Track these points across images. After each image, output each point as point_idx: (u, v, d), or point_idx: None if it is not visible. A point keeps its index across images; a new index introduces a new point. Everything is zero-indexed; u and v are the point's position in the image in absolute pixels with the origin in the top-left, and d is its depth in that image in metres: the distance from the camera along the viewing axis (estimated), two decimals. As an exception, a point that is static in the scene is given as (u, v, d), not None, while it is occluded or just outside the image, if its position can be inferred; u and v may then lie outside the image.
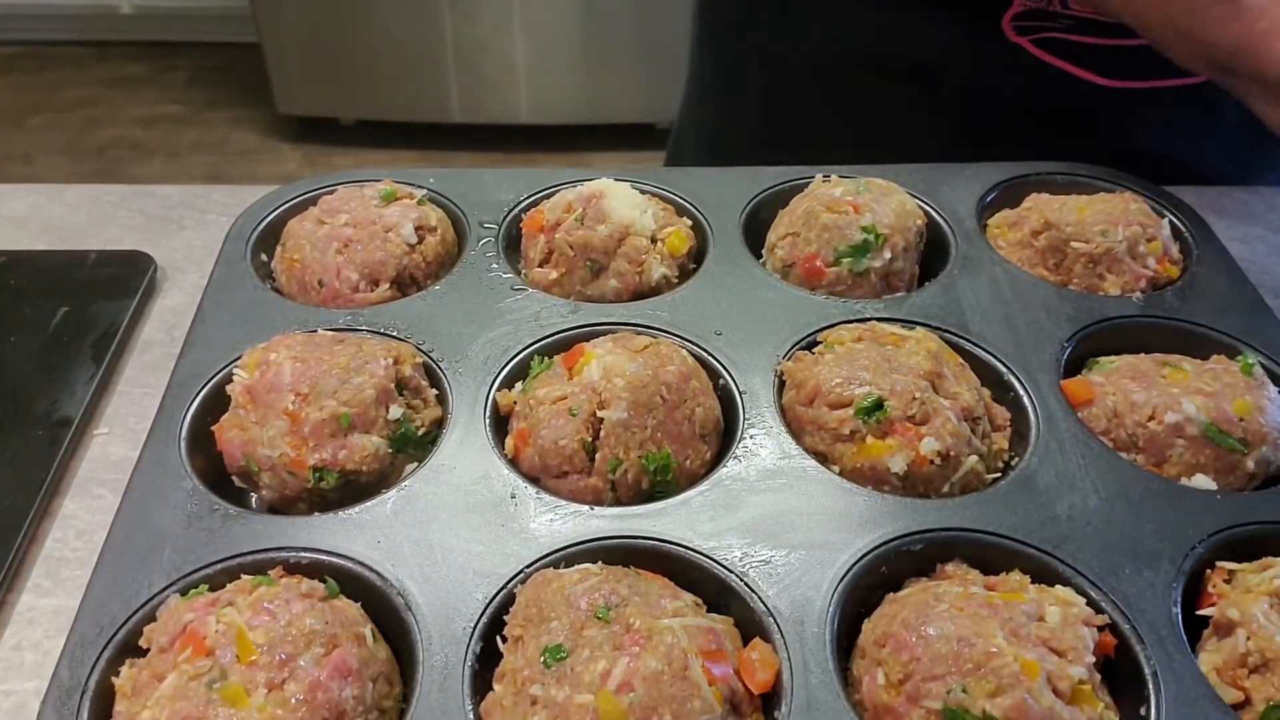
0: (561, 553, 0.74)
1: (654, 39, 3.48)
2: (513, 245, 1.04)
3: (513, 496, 0.78)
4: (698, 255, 1.03)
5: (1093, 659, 0.66)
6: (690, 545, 0.74)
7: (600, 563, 0.72)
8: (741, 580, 0.72)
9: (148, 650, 0.68)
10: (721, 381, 0.88)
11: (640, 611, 0.66)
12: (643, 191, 1.03)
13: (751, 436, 0.83)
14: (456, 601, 0.71)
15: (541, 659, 0.65)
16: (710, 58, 1.37)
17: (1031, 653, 0.64)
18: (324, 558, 0.74)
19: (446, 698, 0.66)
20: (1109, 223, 1.00)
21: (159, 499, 0.78)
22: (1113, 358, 0.91)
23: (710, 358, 0.90)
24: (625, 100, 3.66)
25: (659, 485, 0.80)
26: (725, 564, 0.73)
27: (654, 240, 0.99)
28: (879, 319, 0.92)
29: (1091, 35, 1.09)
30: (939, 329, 0.92)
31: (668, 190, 1.07)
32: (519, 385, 0.87)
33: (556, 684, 0.64)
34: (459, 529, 0.76)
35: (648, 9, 3.44)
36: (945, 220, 1.06)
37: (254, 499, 0.84)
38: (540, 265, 1.00)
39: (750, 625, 0.71)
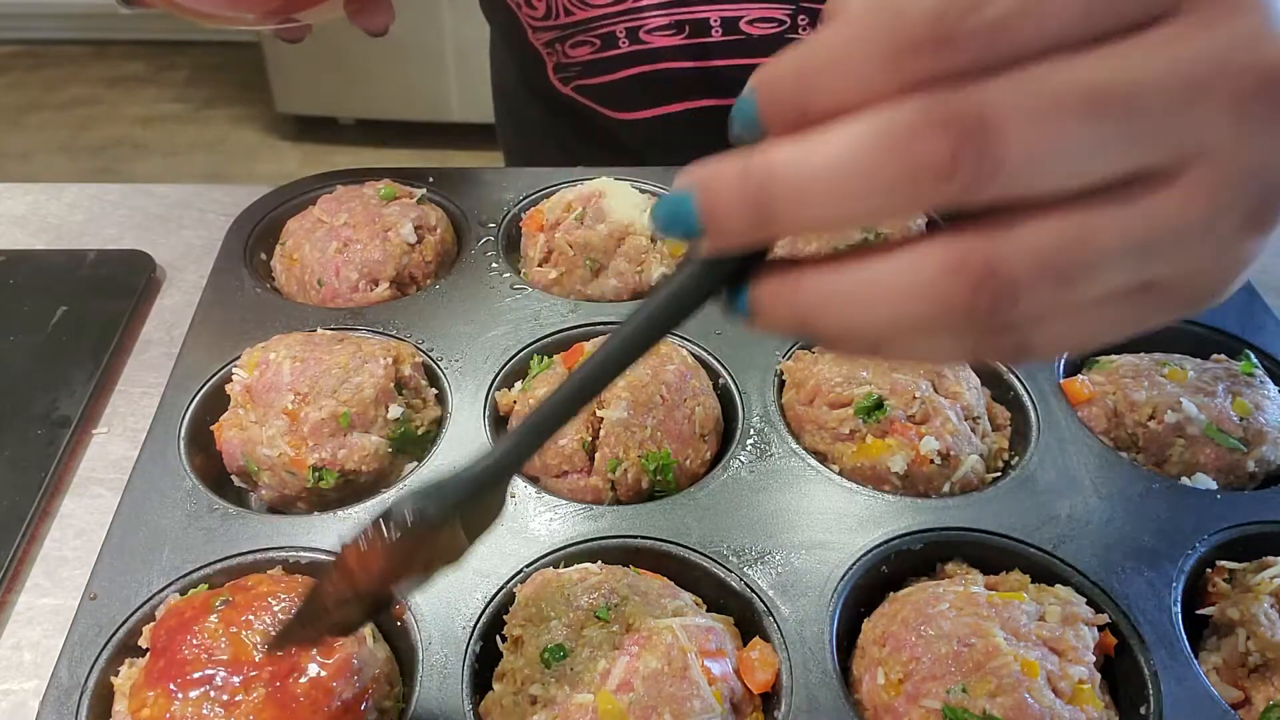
0: (561, 552, 0.74)
1: (653, 38, 3.47)
2: (512, 245, 1.04)
3: (512, 496, 0.78)
4: (697, 254, 1.03)
5: (1093, 659, 0.66)
6: (690, 545, 0.74)
7: (600, 562, 0.72)
8: (741, 580, 0.72)
9: (147, 650, 0.68)
10: (721, 381, 0.88)
11: (640, 611, 0.66)
12: (642, 191, 1.03)
13: (751, 436, 0.83)
14: (456, 601, 0.71)
15: (541, 658, 0.65)
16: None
17: (1031, 653, 0.64)
18: (324, 557, 0.73)
19: (446, 697, 0.66)
20: (1109, 222, 1.00)
21: (158, 498, 0.78)
22: (1112, 357, 0.91)
23: (710, 357, 0.90)
24: (625, 99, 3.66)
25: (659, 485, 0.80)
26: (725, 564, 0.73)
27: (654, 240, 0.99)
28: (879, 318, 0.92)
29: (596, 75, 1.13)
30: (939, 328, 0.92)
31: (667, 189, 1.07)
32: (519, 385, 0.87)
33: (556, 683, 0.64)
34: (459, 528, 0.75)
35: (647, 8, 3.44)
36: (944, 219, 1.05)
37: (253, 498, 0.84)
38: (540, 265, 1.00)
39: (750, 625, 0.71)
